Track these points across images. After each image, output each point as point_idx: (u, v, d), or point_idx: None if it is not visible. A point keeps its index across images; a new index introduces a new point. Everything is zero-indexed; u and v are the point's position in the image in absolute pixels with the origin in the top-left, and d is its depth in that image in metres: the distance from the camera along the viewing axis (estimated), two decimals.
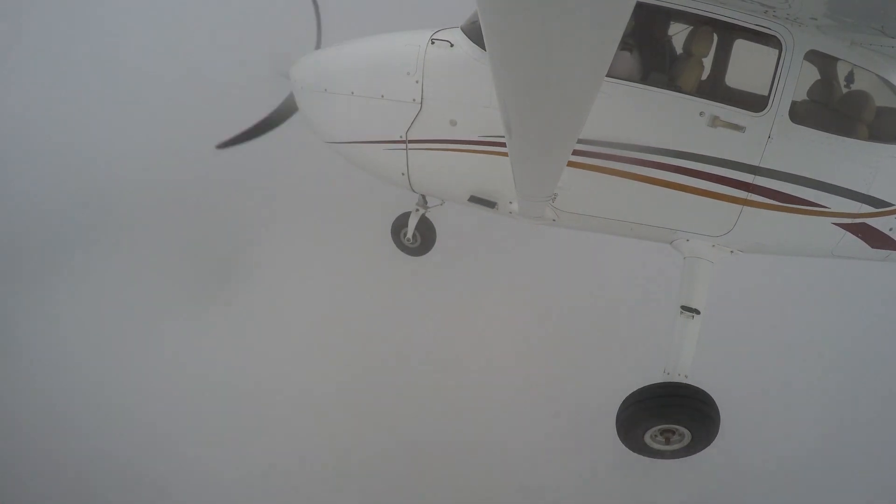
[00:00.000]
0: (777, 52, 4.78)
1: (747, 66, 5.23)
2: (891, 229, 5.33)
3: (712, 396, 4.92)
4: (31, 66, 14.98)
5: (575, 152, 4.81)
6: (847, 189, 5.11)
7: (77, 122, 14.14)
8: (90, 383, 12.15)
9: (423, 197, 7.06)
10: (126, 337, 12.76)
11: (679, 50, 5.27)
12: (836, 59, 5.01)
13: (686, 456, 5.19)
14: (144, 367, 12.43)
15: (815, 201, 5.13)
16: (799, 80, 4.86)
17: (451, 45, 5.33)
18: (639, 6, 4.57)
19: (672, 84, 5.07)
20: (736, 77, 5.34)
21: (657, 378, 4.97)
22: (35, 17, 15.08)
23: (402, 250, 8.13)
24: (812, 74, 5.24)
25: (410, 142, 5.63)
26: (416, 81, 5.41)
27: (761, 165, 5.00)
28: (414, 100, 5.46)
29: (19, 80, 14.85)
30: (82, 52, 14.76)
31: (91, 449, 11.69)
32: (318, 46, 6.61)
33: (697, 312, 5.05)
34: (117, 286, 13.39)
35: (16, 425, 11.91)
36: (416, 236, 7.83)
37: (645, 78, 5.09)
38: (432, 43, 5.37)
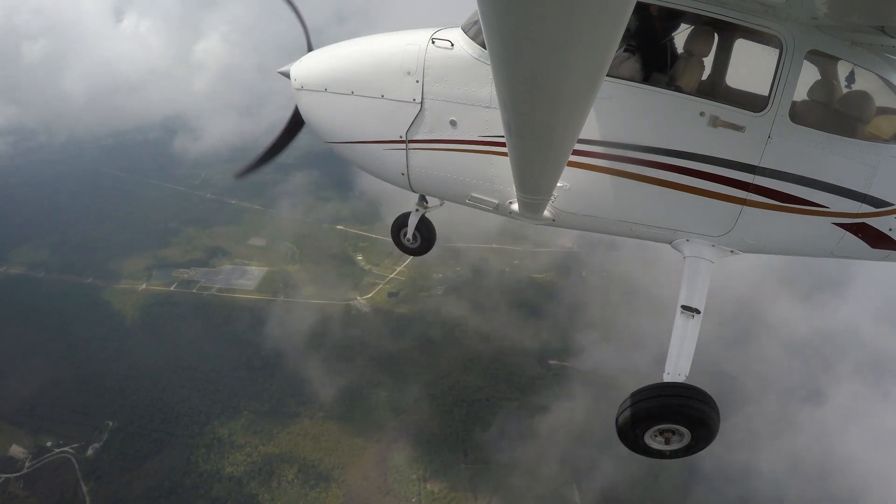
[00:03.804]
0: (778, 51, 4.77)
1: (748, 65, 5.22)
2: (890, 229, 5.32)
3: (712, 396, 4.91)
4: None
5: (575, 152, 4.80)
6: (847, 189, 5.10)
7: None
8: None
9: (423, 197, 7.05)
10: None
11: (680, 50, 5.26)
12: (836, 59, 5.00)
13: (686, 456, 5.18)
14: None
15: (815, 201, 5.12)
16: (799, 80, 4.85)
17: (452, 45, 5.32)
18: (639, 6, 4.57)
19: (673, 84, 5.06)
20: (736, 77, 5.33)
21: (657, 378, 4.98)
22: None
23: (403, 250, 8.12)
24: (812, 74, 5.23)
25: (410, 142, 5.62)
26: (417, 81, 5.41)
27: (761, 165, 4.99)
28: (414, 100, 5.45)
29: None
30: None
31: None
32: (309, 48, 6.54)
33: (698, 312, 5.04)
34: None
35: None
36: (416, 236, 7.82)
37: (646, 78, 5.08)
38: (433, 43, 5.36)
